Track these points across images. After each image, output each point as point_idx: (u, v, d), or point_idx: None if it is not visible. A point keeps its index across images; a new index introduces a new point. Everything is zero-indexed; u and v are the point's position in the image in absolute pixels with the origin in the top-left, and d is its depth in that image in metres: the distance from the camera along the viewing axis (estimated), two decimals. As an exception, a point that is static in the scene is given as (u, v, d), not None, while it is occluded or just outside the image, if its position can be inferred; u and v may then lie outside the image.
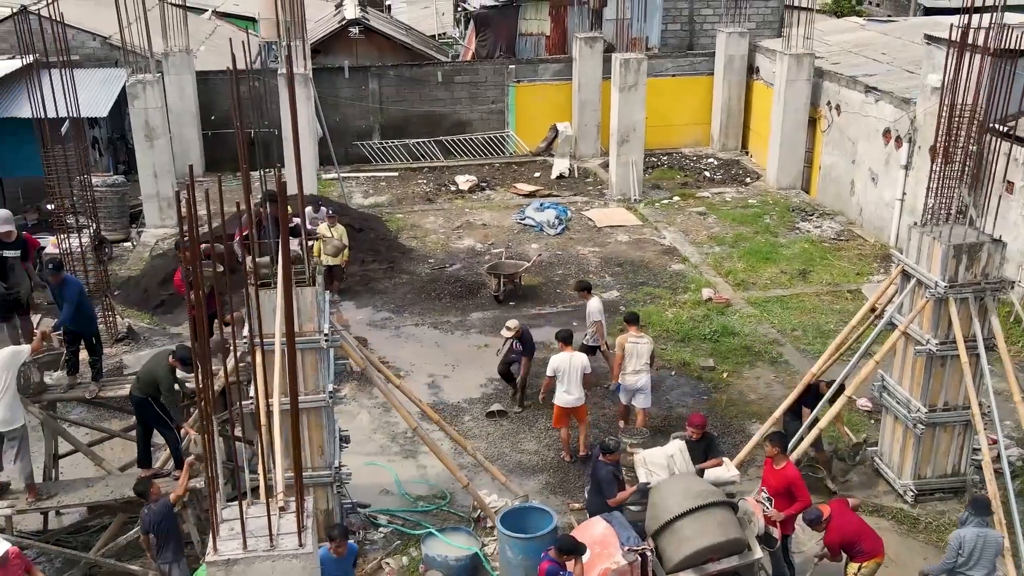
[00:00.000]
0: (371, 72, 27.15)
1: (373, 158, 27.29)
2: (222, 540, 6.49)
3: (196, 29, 32.93)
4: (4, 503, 10.44)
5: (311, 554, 6.46)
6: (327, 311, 10.95)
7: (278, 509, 6.73)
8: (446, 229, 22.35)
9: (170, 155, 22.39)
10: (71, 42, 25.55)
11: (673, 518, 9.98)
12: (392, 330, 17.52)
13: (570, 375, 13.13)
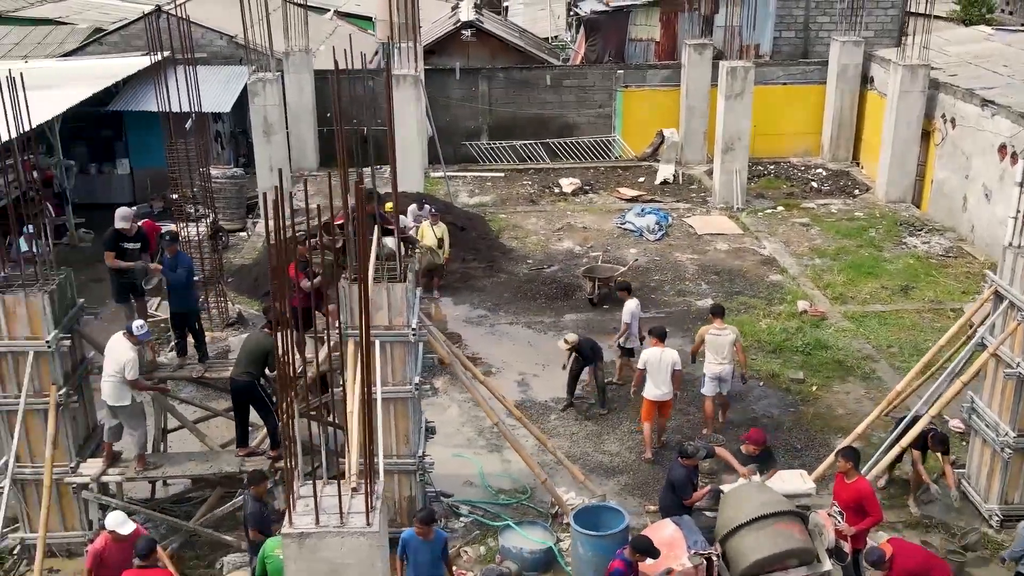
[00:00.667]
0: (481, 74, 27.74)
1: (481, 158, 27.86)
2: (297, 515, 7.00)
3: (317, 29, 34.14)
4: (116, 470, 11.27)
5: (377, 533, 6.91)
6: (417, 306, 11.43)
7: (350, 490, 7.20)
8: (547, 231, 22.73)
9: (286, 150, 23.38)
10: (200, 40, 27.01)
11: (741, 524, 10.12)
12: (487, 327, 17.98)
13: (660, 370, 13.49)
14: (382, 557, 7.03)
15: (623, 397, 15.35)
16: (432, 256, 18.55)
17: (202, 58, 26.34)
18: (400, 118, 23.27)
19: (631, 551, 9.45)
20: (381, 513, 7.21)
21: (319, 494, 7.08)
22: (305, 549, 6.93)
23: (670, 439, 14.10)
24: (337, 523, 6.93)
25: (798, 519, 10.34)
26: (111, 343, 10.98)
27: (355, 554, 6.93)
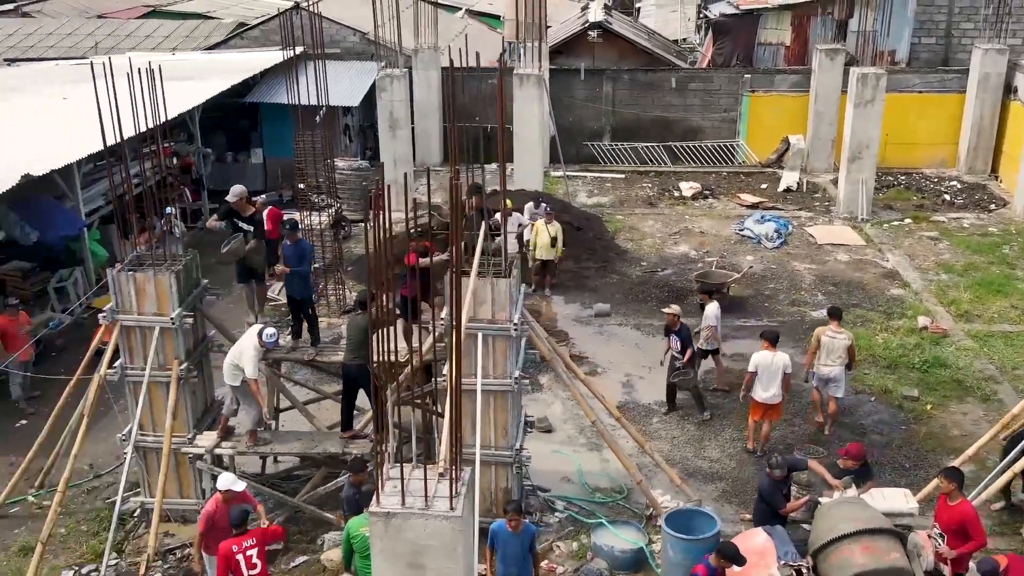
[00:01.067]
0: (606, 75, 27.77)
1: (602, 159, 27.90)
2: (385, 496, 7.28)
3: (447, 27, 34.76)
4: (228, 444, 11.86)
5: (460, 518, 7.13)
6: (520, 302, 11.63)
7: (437, 475, 7.44)
8: (663, 234, 22.64)
9: (410, 145, 23.95)
10: (334, 36, 27.95)
11: (835, 539, 9.97)
12: (596, 327, 18.07)
13: (770, 373, 13.58)
14: (464, 542, 7.24)
15: (727, 405, 15.22)
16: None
17: (335, 54, 27.28)
18: (522, 117, 23.65)
19: (716, 557, 9.42)
20: (467, 499, 7.42)
21: (407, 477, 7.34)
22: (390, 528, 7.21)
23: (774, 447, 13.93)
24: (422, 506, 7.17)
25: (895, 538, 10.12)
26: (245, 335, 11.58)
27: (438, 537, 7.16)
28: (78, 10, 40.70)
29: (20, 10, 39.22)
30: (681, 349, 14.75)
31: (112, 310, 11.60)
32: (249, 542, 9.83)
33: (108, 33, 31.98)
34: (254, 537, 9.91)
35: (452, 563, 7.23)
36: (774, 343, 13.83)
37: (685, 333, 14.77)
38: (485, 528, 10.41)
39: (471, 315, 11.32)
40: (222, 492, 10.28)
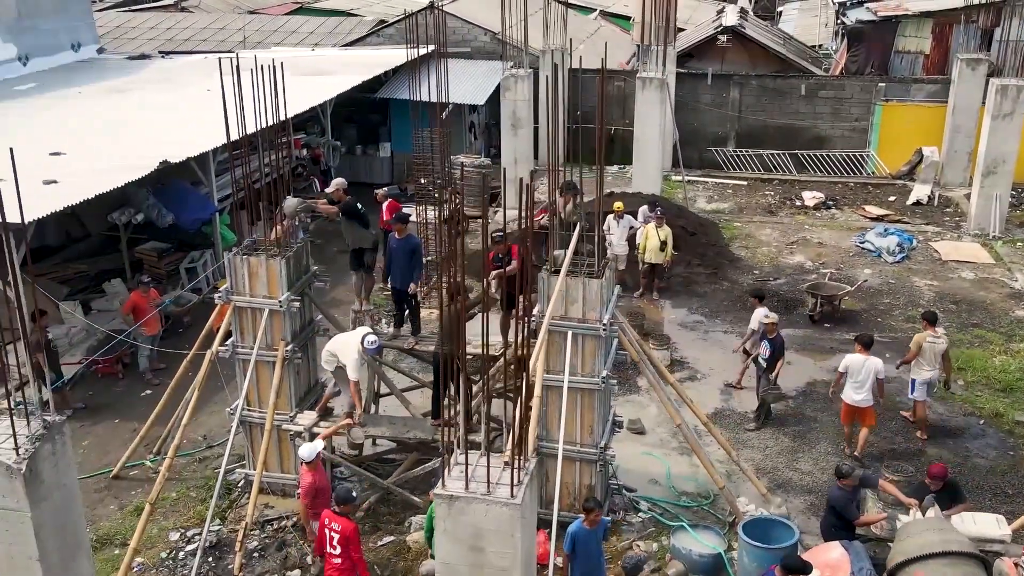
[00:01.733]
0: (733, 80, 27.51)
1: (725, 165, 27.66)
2: (451, 479, 7.64)
3: (580, 28, 35.05)
4: (325, 424, 12.46)
5: (519, 505, 7.42)
6: (612, 303, 11.81)
7: (503, 463, 7.74)
8: (780, 243, 22.33)
9: (531, 144, 24.31)
10: (466, 35, 28.60)
11: (914, 558, 9.80)
12: (701, 333, 18.04)
13: (861, 376, 13.61)
14: (522, 528, 7.52)
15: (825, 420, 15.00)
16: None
17: (465, 53, 27.95)
18: (642, 120, 23.73)
19: (781, 570, 9.36)
20: (529, 488, 7.71)
21: (473, 464, 7.67)
22: (453, 511, 7.56)
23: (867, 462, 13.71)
24: (484, 491, 7.49)
25: (979, 563, 9.86)
26: (351, 334, 12.17)
27: (497, 521, 7.47)
28: (232, 5, 42.81)
29: (179, 5, 41.55)
30: (770, 358, 14.61)
31: (227, 291, 12.36)
32: (336, 525, 10.29)
33: (256, 28, 33.53)
34: (342, 524, 10.33)
35: (510, 548, 7.52)
36: (868, 347, 13.79)
37: (779, 343, 14.63)
38: (566, 522, 10.69)
39: (562, 313, 11.59)
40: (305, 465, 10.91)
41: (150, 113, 21.76)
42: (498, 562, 7.61)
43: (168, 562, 12.12)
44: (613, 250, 19.25)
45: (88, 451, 14.62)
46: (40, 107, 22.41)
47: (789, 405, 15.30)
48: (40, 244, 21.80)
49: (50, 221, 21.83)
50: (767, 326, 14.72)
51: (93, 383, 16.45)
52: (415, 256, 13.57)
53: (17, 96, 23.66)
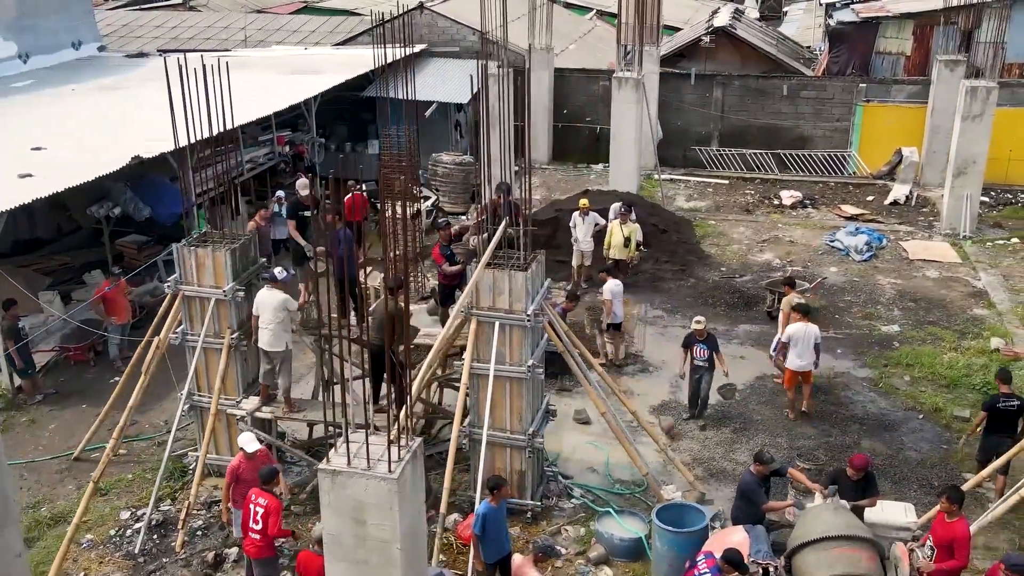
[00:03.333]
0: (716, 80, 27.84)
1: (709, 164, 27.99)
2: (336, 456, 8.12)
3: (574, 28, 35.51)
4: (268, 408, 13.01)
5: (396, 480, 7.89)
6: (540, 296, 12.26)
7: (388, 442, 8.22)
8: (751, 241, 22.67)
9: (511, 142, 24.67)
10: (454, 35, 29.06)
11: (807, 542, 10.20)
12: (659, 328, 18.44)
13: (804, 343, 14.74)
14: (401, 502, 7.99)
15: (766, 414, 15.38)
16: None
17: (453, 52, 28.44)
18: (619, 119, 24.12)
19: (723, 562, 9.66)
20: (411, 466, 8.18)
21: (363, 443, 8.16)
22: (336, 484, 8.05)
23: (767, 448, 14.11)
24: (364, 467, 7.98)
25: (871, 547, 10.25)
26: (261, 297, 12.65)
27: (376, 495, 7.96)
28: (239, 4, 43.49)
29: (187, 4, 42.28)
30: (708, 358, 14.93)
31: (176, 280, 12.93)
32: (262, 500, 10.80)
33: (259, 27, 34.15)
34: (268, 500, 10.83)
35: (389, 520, 8.00)
36: (806, 315, 14.97)
37: (713, 343, 14.95)
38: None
39: (489, 304, 12.07)
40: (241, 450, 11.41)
41: (138, 110, 22.39)
42: (378, 534, 8.09)
43: (116, 539, 12.69)
44: (579, 246, 19.70)
45: (54, 434, 15.25)
46: (33, 104, 23.10)
47: (735, 399, 15.67)
48: (31, 236, 22.56)
49: (40, 215, 22.66)
50: (696, 330, 14.99)
51: (65, 370, 17.10)
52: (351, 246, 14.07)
53: (13, 93, 24.38)
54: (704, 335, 14.90)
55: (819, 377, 16.32)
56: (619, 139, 24.12)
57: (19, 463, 14.49)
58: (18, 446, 14.96)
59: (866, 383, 16.29)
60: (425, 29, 28.96)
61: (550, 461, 14.09)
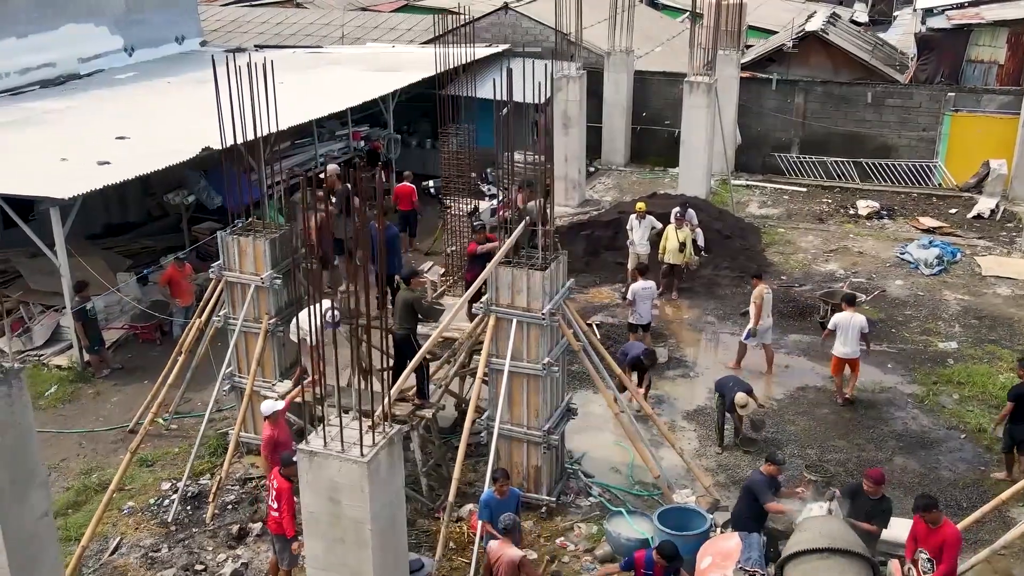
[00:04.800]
0: (799, 86, 27.43)
1: (788, 171, 27.60)
2: (314, 438, 8.57)
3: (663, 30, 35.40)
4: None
5: (366, 464, 8.28)
6: (560, 296, 12.49)
7: (368, 427, 8.62)
8: (818, 250, 22.32)
9: (582, 143, 24.92)
10: (538, 36, 29.39)
11: (798, 552, 10.18)
12: (708, 334, 18.41)
13: (849, 331, 15.37)
14: (373, 485, 8.38)
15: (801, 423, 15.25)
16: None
17: (536, 52, 28.74)
18: (689, 123, 24.07)
19: (657, 553, 9.88)
20: (385, 451, 8.57)
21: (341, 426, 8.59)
22: (313, 465, 8.50)
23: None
24: (339, 449, 8.40)
25: (864, 563, 10.15)
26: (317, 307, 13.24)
27: (348, 476, 8.37)
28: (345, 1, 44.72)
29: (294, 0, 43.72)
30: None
31: (220, 267, 13.63)
32: (275, 483, 11.27)
33: (358, 24, 35.14)
34: (280, 483, 11.20)
35: (360, 501, 8.41)
36: (852, 304, 15.72)
37: (747, 387, 14.49)
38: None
39: (508, 302, 12.37)
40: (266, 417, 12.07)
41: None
42: (351, 513, 8.50)
43: (153, 507, 13.48)
44: (635, 249, 19.78)
45: (115, 406, 16.21)
46: (131, 95, 24.43)
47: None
48: (122, 220, 23.91)
49: (132, 200, 23.98)
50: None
51: (134, 347, 18.11)
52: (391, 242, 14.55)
53: (115, 84, 25.82)
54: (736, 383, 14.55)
55: (862, 390, 16.16)
56: (689, 143, 24.06)
57: (80, 432, 15.52)
58: (81, 416, 16.00)
59: (911, 399, 15.96)
60: (509, 29, 29.38)
61: (574, 459, 14.31)
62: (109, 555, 12.57)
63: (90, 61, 27.33)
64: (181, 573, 12.12)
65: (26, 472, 10.08)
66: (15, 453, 9.86)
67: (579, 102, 24.50)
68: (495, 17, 29.75)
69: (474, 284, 12.94)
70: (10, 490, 9.86)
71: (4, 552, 9.95)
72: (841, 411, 15.62)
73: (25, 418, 10.02)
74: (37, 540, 10.30)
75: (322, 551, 8.80)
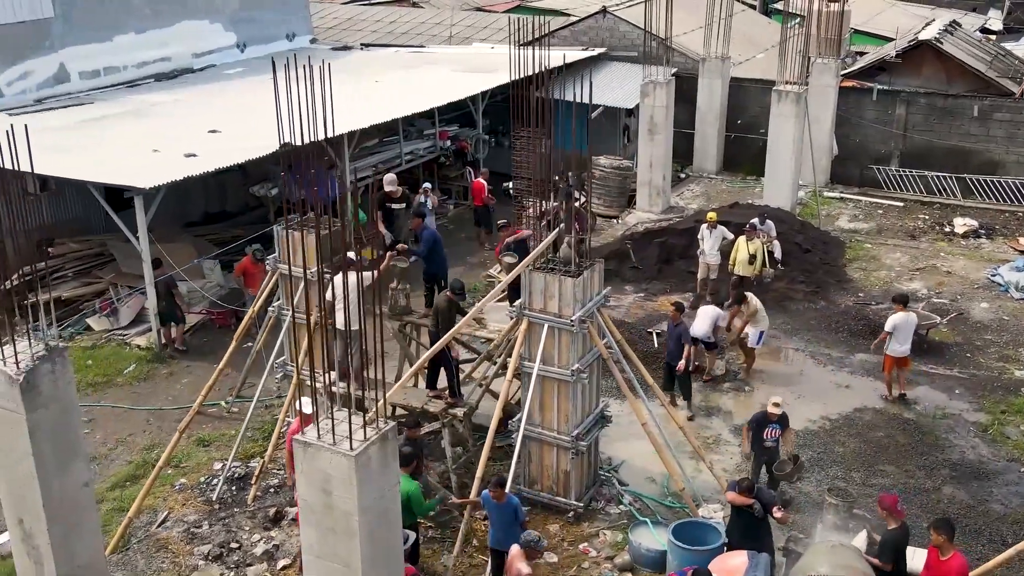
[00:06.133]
0: (900, 97, 26.53)
1: (886, 184, 26.74)
2: (311, 430, 8.92)
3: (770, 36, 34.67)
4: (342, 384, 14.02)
5: (354, 458, 8.56)
6: (591, 302, 12.56)
7: (363, 423, 8.93)
8: (903, 268, 21.61)
9: (667, 150, 24.73)
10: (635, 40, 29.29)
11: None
12: (770, 348, 18.04)
13: (904, 331, 15.72)
14: (362, 478, 8.67)
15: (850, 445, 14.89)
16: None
17: (632, 56, 28.67)
18: (776, 133, 23.64)
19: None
20: (376, 446, 8.85)
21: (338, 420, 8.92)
22: (307, 455, 8.83)
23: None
24: (330, 442, 8.73)
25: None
26: (337, 280, 13.66)
27: (339, 469, 8.68)
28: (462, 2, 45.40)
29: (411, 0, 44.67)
30: (779, 438, 13.70)
31: (274, 259, 14.21)
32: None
33: (468, 24, 35.72)
34: None
35: (349, 494, 8.70)
36: (905, 304, 15.99)
37: (785, 422, 13.66)
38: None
39: (541, 307, 12.52)
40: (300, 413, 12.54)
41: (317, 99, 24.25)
42: (341, 505, 8.80)
43: (202, 486, 14.17)
44: (704, 259, 19.59)
45: (185, 387, 17.05)
46: (235, 89, 25.53)
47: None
48: (220, 209, 25.04)
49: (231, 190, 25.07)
50: (770, 413, 13.51)
51: (211, 332, 18.97)
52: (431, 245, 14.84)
53: (223, 79, 27.02)
54: (778, 416, 13.58)
55: (923, 415, 15.68)
56: (775, 153, 23.63)
57: (149, 409, 16.40)
58: (153, 394, 16.91)
59: (974, 428, 15.38)
60: (607, 33, 29.38)
61: (611, 466, 14.36)
62: (156, 527, 13.29)
63: (203, 56, 28.64)
64: (216, 550, 12.72)
65: (68, 444, 10.79)
66: (58, 425, 10.58)
67: (666, 108, 24.33)
68: (593, 20, 29.78)
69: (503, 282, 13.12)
70: (53, 460, 10.58)
71: (44, 519, 10.71)
72: (896, 435, 15.17)
73: (68, 393, 10.73)
74: (78, 509, 11.02)
75: (316, 540, 9.14)
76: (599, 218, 24.59)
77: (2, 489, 11.03)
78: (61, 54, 24.80)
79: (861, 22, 41.16)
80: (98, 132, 21.18)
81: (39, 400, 10.32)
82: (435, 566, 12.36)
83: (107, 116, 22.68)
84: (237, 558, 12.62)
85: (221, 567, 12.47)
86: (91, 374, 17.36)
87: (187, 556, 12.64)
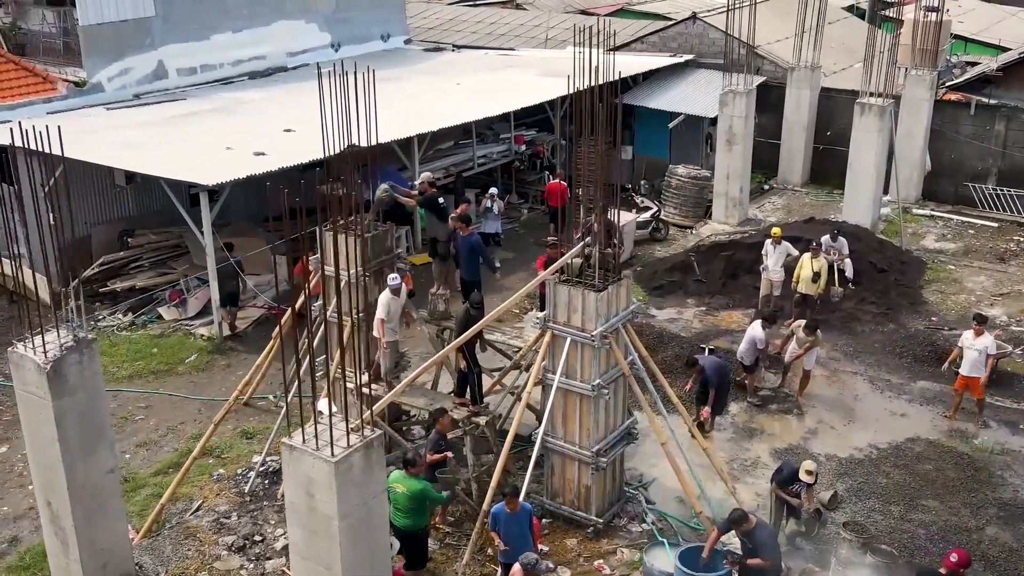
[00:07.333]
0: (1000, 112, 25.30)
1: (981, 203, 25.54)
2: (297, 434, 9.10)
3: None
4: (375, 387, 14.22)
5: (334, 464, 8.71)
6: (616, 318, 12.42)
7: (348, 429, 9.07)
8: (985, 293, 20.62)
9: (746, 161, 24.19)
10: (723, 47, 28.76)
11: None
12: (828, 370, 17.49)
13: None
14: (341, 484, 8.81)
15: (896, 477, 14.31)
16: None
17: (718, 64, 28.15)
18: (858, 147, 22.92)
19: None
20: (359, 453, 8.98)
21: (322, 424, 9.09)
22: (292, 458, 9.04)
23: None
24: (313, 447, 8.90)
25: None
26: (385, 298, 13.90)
27: (320, 473, 8.85)
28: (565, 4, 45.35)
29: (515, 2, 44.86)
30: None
31: (317, 259, 14.51)
32: None
33: (566, 27, 35.63)
34: None
35: (329, 497, 8.87)
36: (983, 323, 15.83)
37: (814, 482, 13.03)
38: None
39: (565, 320, 12.46)
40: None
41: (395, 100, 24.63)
42: (323, 508, 8.97)
43: (238, 477, 14.58)
44: (767, 275, 19.11)
45: (239, 379, 17.42)
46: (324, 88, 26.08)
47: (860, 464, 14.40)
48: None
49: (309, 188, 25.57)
50: (803, 479, 12.75)
51: (270, 326, 19.44)
52: (473, 252, 14.88)
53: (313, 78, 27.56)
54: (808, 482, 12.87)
55: (979, 449, 14.99)
56: (856, 169, 22.85)
57: (201, 399, 16.96)
58: (209, 384, 17.48)
59: (1033, 466, 14.61)
60: (696, 39, 28.93)
61: (640, 483, 14.18)
62: (189, 515, 13.74)
63: (297, 55, 29.43)
64: (240, 541, 13.07)
65: (95, 431, 11.29)
66: (84, 414, 11.09)
67: (745, 118, 23.80)
68: (683, 27, 29.37)
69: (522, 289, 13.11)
70: (78, 446, 11.09)
71: (69, 502, 11.23)
72: (946, 469, 14.52)
73: (95, 382, 11.23)
74: (102, 493, 11.54)
75: (301, 540, 9.35)
76: (672, 227, 24.28)
77: (33, 471, 11.61)
78: (160, 51, 25.83)
79: (978, 31, 39.49)
80: (185, 128, 22.00)
81: (66, 388, 10.83)
82: (446, 572, 12.42)
83: (196, 112, 23.51)
84: (259, 551, 12.94)
85: (242, 558, 12.81)
86: (155, 362, 18.05)
87: (212, 546, 13.02)
